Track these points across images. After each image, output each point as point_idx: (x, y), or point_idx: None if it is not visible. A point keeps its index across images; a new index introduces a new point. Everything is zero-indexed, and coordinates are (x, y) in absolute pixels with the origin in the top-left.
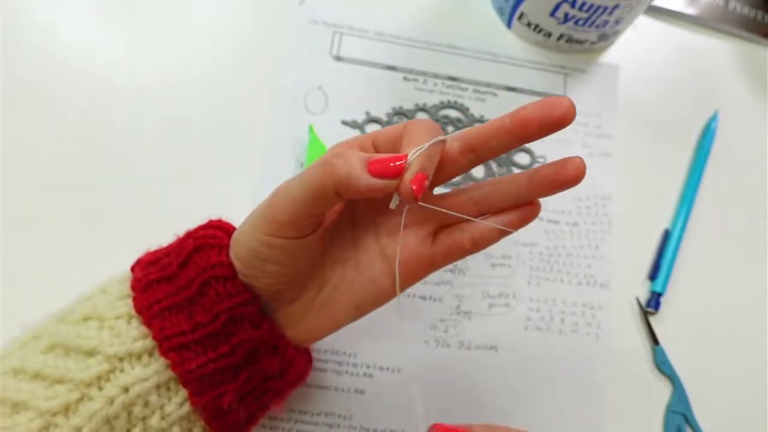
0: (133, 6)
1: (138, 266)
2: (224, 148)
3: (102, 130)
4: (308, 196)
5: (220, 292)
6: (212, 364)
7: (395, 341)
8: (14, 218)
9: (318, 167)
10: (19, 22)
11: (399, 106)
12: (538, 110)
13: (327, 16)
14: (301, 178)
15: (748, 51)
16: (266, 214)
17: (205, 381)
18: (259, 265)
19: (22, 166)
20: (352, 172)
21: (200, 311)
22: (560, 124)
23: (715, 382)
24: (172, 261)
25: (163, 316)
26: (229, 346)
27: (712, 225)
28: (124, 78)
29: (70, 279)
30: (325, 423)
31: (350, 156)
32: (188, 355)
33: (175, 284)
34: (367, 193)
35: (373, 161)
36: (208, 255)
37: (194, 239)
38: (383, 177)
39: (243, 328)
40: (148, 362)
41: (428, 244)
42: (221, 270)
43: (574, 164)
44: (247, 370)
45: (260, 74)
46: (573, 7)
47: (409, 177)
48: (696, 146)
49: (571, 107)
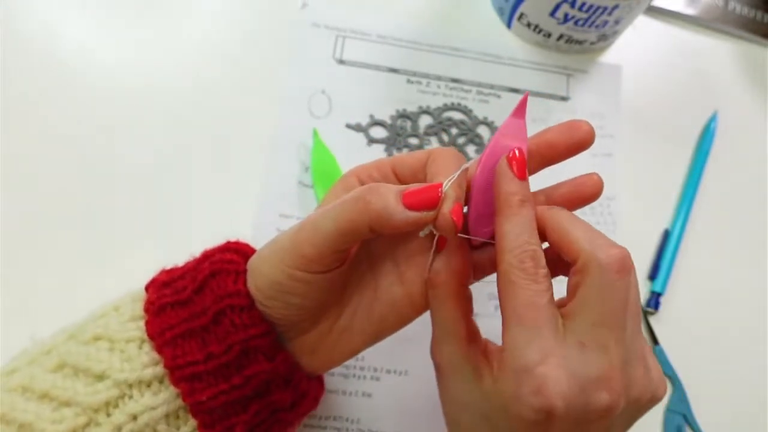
0: (136, 10)
1: (152, 286)
2: (228, 153)
3: (102, 136)
4: (339, 232)
5: (236, 323)
6: (224, 396)
7: (402, 344)
8: (14, 220)
9: (350, 203)
10: (19, 23)
11: (403, 108)
12: (563, 132)
13: (329, 19)
14: (331, 212)
15: (748, 51)
16: (292, 247)
17: (216, 413)
18: (281, 297)
19: (22, 167)
20: (387, 207)
21: (214, 341)
22: (584, 146)
23: (715, 382)
24: (187, 285)
25: (176, 344)
26: (242, 378)
27: (711, 225)
28: (125, 82)
29: (70, 280)
30: (333, 427)
31: (383, 190)
32: (200, 385)
33: (189, 310)
34: (405, 228)
35: (407, 193)
36: (224, 282)
37: (210, 263)
38: (419, 209)
39: (257, 360)
40: (158, 390)
41: None
42: (238, 300)
43: (592, 181)
44: (258, 403)
45: (263, 78)
46: (573, 7)
47: (447, 208)
48: (696, 146)
49: (591, 129)
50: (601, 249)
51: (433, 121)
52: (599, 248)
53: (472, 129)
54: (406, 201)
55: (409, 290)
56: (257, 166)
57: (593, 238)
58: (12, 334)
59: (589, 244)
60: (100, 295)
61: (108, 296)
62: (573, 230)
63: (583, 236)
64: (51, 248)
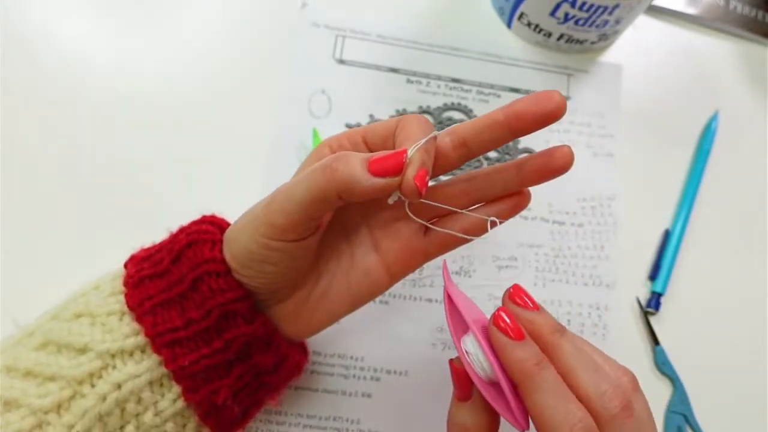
0: (135, 10)
1: (131, 262)
2: (228, 153)
3: (102, 136)
4: (309, 201)
5: (213, 288)
6: (205, 360)
7: (402, 345)
8: (13, 218)
9: (318, 171)
10: (19, 24)
11: (402, 108)
12: (531, 104)
13: (329, 19)
14: (302, 182)
15: (748, 51)
16: (266, 216)
17: (199, 377)
18: (257, 266)
19: (21, 166)
20: (353, 174)
21: (193, 307)
22: (553, 118)
23: (715, 382)
24: (164, 257)
25: (155, 312)
26: (222, 341)
27: (712, 225)
28: (125, 82)
29: (70, 279)
30: (333, 427)
31: (350, 158)
32: (181, 351)
33: (167, 280)
34: (371, 194)
35: (373, 161)
36: (200, 250)
37: (186, 234)
38: (385, 175)
39: (236, 323)
40: (140, 359)
41: (421, 235)
42: (214, 266)
43: (561, 153)
44: (240, 366)
45: (263, 78)
46: (573, 6)
47: (411, 173)
48: (696, 146)
49: (562, 101)
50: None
51: (433, 120)
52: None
53: None
54: (371, 168)
55: (384, 258)
56: (257, 165)
57: (598, 382)
58: (10, 332)
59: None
60: None
61: None
62: (580, 372)
63: (589, 380)
64: (49, 248)
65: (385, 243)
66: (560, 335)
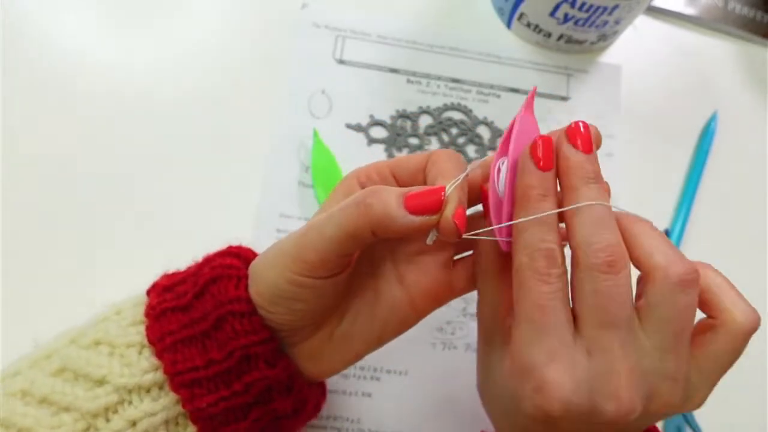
0: (135, 10)
1: (153, 291)
2: (228, 153)
3: (102, 135)
4: (342, 237)
5: (237, 329)
6: (224, 402)
7: (402, 344)
8: (13, 221)
9: (351, 207)
10: (19, 26)
11: (403, 108)
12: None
13: (329, 19)
14: (334, 217)
15: (747, 51)
16: (297, 252)
17: (216, 419)
18: (285, 304)
19: (21, 168)
20: (389, 211)
21: (214, 347)
22: None
23: None
24: (188, 290)
25: (176, 349)
26: (242, 384)
27: (711, 225)
28: (125, 82)
29: (69, 281)
30: (334, 427)
31: (384, 194)
32: (200, 391)
33: (189, 315)
34: (407, 232)
35: (409, 197)
36: (225, 287)
37: (211, 268)
38: (422, 213)
39: (257, 366)
40: (157, 396)
41: (448, 269)
42: (239, 306)
43: None
44: (258, 409)
45: (263, 78)
46: (573, 7)
47: (450, 212)
48: (696, 146)
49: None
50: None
51: (433, 121)
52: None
53: (472, 129)
54: (408, 204)
55: (409, 293)
56: (257, 166)
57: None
58: (12, 334)
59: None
60: (100, 295)
61: (108, 297)
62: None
63: (586, 233)
64: (49, 249)
65: (410, 277)
66: (585, 183)
